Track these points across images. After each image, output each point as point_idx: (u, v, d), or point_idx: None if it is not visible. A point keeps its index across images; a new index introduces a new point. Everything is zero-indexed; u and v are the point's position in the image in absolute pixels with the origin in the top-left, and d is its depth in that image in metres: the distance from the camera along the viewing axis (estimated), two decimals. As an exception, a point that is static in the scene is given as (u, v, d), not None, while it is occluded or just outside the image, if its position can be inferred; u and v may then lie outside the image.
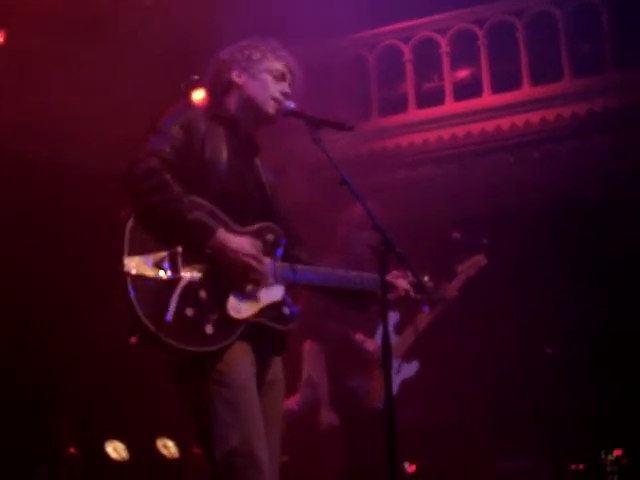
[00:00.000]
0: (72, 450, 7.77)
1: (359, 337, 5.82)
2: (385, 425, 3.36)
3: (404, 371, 6.03)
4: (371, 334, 5.84)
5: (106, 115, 7.77)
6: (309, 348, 6.15)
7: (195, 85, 7.80)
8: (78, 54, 7.83)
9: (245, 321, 3.42)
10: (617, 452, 7.67)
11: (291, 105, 3.74)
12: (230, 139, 3.67)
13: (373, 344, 5.79)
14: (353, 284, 3.83)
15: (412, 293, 3.92)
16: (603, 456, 7.67)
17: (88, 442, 7.96)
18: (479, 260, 6.26)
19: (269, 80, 3.77)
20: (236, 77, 3.79)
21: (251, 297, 3.46)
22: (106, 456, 7.95)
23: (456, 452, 7.66)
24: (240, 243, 3.43)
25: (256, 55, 3.80)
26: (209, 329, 3.30)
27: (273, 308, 3.54)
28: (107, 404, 8.01)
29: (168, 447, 8.29)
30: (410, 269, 3.73)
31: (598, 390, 8.17)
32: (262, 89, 3.75)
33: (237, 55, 3.82)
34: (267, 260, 3.53)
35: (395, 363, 5.91)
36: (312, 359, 6.14)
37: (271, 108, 3.74)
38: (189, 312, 3.27)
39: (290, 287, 3.64)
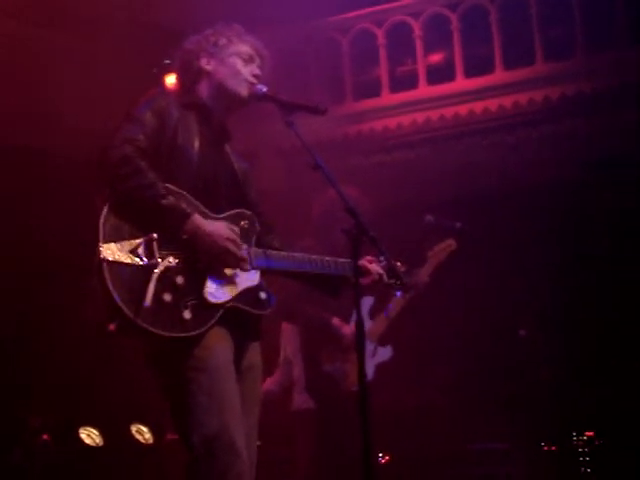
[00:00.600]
0: (45, 436, 7.75)
1: (336, 321, 5.83)
2: (360, 410, 3.37)
3: (379, 355, 6.05)
4: (347, 318, 5.86)
5: (82, 99, 7.72)
6: (285, 329, 6.17)
7: (167, 69, 7.75)
8: (54, 40, 7.78)
9: (222, 305, 3.42)
10: (589, 434, 7.74)
11: (263, 89, 3.73)
12: (202, 127, 3.67)
13: (349, 328, 5.81)
14: (327, 270, 3.83)
15: (385, 278, 3.94)
16: (575, 438, 7.73)
17: (62, 428, 7.93)
18: (449, 244, 6.28)
19: (238, 63, 3.77)
20: (205, 64, 3.78)
21: (228, 282, 3.47)
22: (80, 442, 7.93)
23: (430, 436, 7.69)
24: (216, 227, 3.43)
25: (222, 41, 3.80)
26: (187, 314, 3.30)
27: (250, 293, 3.54)
28: (81, 390, 7.98)
29: (142, 433, 8.27)
30: (383, 254, 3.74)
31: (570, 372, 8.23)
32: (232, 73, 3.75)
33: (203, 43, 3.82)
34: (243, 245, 3.53)
35: (370, 347, 5.93)
36: (288, 340, 6.15)
37: (244, 90, 3.74)
38: (167, 297, 3.27)
39: (265, 273, 3.65)
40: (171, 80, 7.41)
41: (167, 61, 7.79)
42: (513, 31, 9.53)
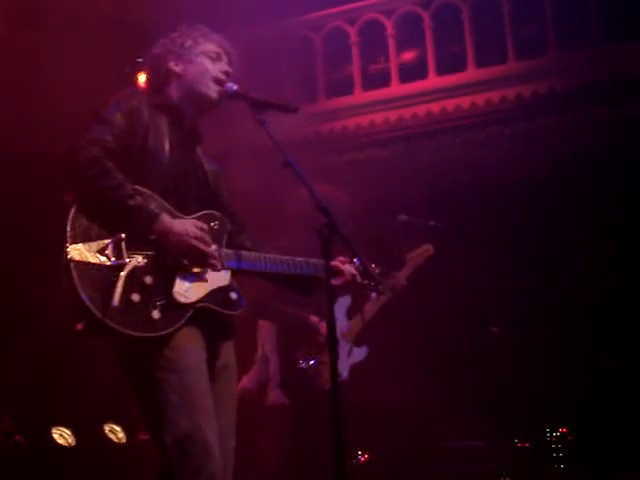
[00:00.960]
0: (18, 437, 7.71)
1: (313, 319, 5.85)
2: (332, 407, 3.37)
3: (354, 355, 6.07)
4: (324, 316, 5.88)
5: (56, 98, 7.68)
6: (262, 326, 6.17)
7: (139, 69, 7.72)
8: (29, 39, 7.74)
9: (192, 305, 3.41)
10: (562, 430, 7.78)
11: (234, 87, 3.72)
12: (173, 128, 3.66)
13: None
14: (299, 270, 3.83)
15: (358, 279, 3.94)
16: (549, 434, 7.77)
17: (34, 428, 7.89)
18: (427, 249, 6.34)
19: (206, 62, 3.76)
20: (173, 66, 3.77)
21: (198, 282, 3.46)
22: (53, 442, 7.90)
23: (406, 434, 7.71)
24: (184, 225, 3.42)
25: (188, 42, 3.79)
26: (156, 314, 3.29)
27: (220, 292, 3.53)
28: (53, 390, 7.95)
29: (115, 432, 8.25)
30: (356, 254, 3.74)
31: (544, 368, 8.26)
32: (201, 72, 3.74)
33: (169, 46, 3.81)
34: (213, 245, 3.52)
35: (346, 347, 5.96)
36: (265, 337, 6.16)
37: (213, 91, 3.73)
38: (135, 297, 3.26)
39: (236, 273, 3.64)
40: (143, 78, 7.44)
41: (139, 60, 7.80)
42: (485, 29, 9.58)
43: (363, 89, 9.83)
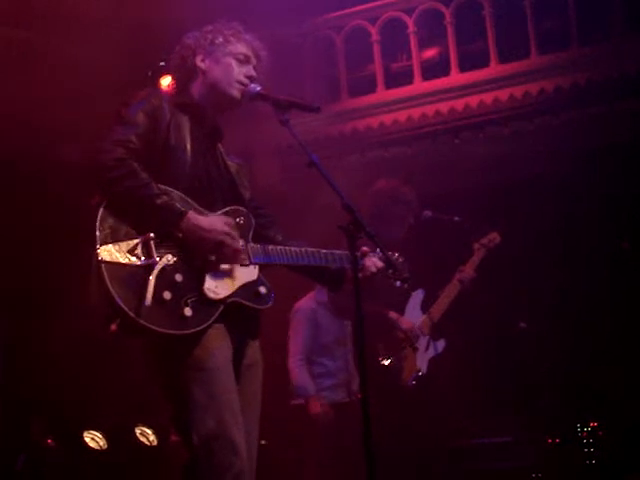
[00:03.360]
0: (50, 440, 7.76)
1: (393, 314, 5.90)
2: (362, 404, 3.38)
3: (432, 349, 6.11)
4: (401, 312, 5.95)
5: (76, 102, 7.71)
6: None
7: (162, 72, 7.75)
8: (46, 43, 7.77)
9: (223, 301, 3.43)
10: (593, 424, 7.74)
11: (257, 88, 3.74)
12: (194, 126, 3.68)
13: (407, 322, 5.92)
14: (325, 262, 3.85)
15: (382, 270, 3.95)
16: (579, 429, 7.73)
17: (66, 432, 7.94)
18: (494, 237, 6.39)
19: (233, 63, 3.78)
20: (200, 62, 3.79)
21: (227, 277, 3.48)
22: (84, 445, 7.94)
23: (434, 430, 7.69)
24: (211, 222, 3.45)
25: (219, 39, 3.81)
26: (188, 311, 3.32)
27: (249, 287, 3.56)
28: (85, 393, 7.99)
29: (146, 435, 8.29)
30: (379, 246, 3.76)
31: (574, 364, 8.23)
32: (226, 73, 3.76)
33: (201, 40, 3.83)
34: (240, 241, 3.54)
35: (423, 341, 6.02)
36: None
37: (236, 91, 3.75)
38: (167, 295, 3.28)
39: (263, 267, 3.65)
40: (166, 82, 7.46)
41: (162, 63, 7.83)
42: (507, 24, 9.52)
43: (385, 87, 9.81)
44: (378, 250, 3.91)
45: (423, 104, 9.50)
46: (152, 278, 3.25)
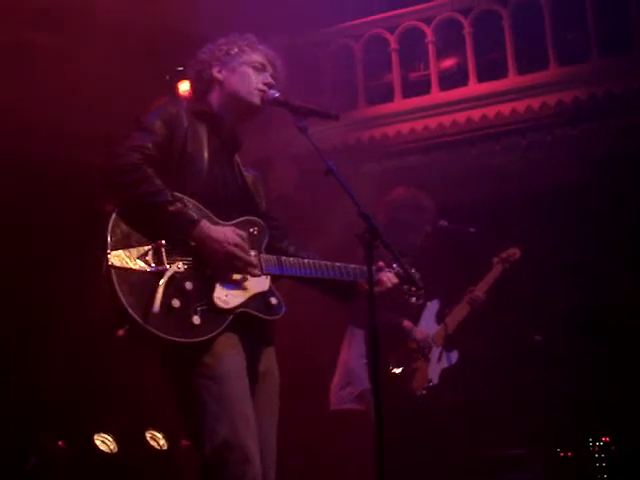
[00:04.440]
0: (60, 443, 7.76)
1: (407, 323, 5.89)
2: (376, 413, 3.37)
3: (445, 360, 6.09)
4: (415, 321, 5.94)
5: (92, 107, 7.73)
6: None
7: (180, 77, 7.77)
8: (62, 47, 7.79)
9: (232, 311, 3.42)
10: (605, 439, 7.70)
11: (275, 94, 3.75)
12: (211, 136, 3.68)
13: (420, 332, 5.91)
14: (339, 275, 3.83)
15: (398, 285, 3.93)
16: (591, 443, 7.70)
17: (77, 435, 7.94)
18: (514, 253, 6.39)
19: (250, 72, 3.78)
20: (217, 73, 3.81)
21: (238, 287, 3.47)
22: (95, 449, 7.94)
23: (444, 441, 7.66)
24: (224, 232, 3.43)
25: (234, 50, 3.82)
26: (196, 320, 3.31)
27: (260, 298, 3.55)
28: (95, 396, 7.99)
29: (157, 439, 8.28)
30: (397, 259, 3.74)
31: (587, 377, 8.19)
32: (244, 81, 3.77)
33: (216, 52, 3.84)
34: (252, 252, 3.54)
35: (436, 351, 6.01)
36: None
37: (256, 98, 3.76)
38: (175, 303, 3.28)
39: (276, 279, 3.65)
40: (184, 87, 7.49)
41: (180, 68, 7.85)
42: (526, 35, 9.51)
43: (403, 96, 9.80)
44: (395, 265, 3.89)
45: (440, 114, 9.49)
46: (161, 285, 3.25)
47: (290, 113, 3.69)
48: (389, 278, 3.90)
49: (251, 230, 3.63)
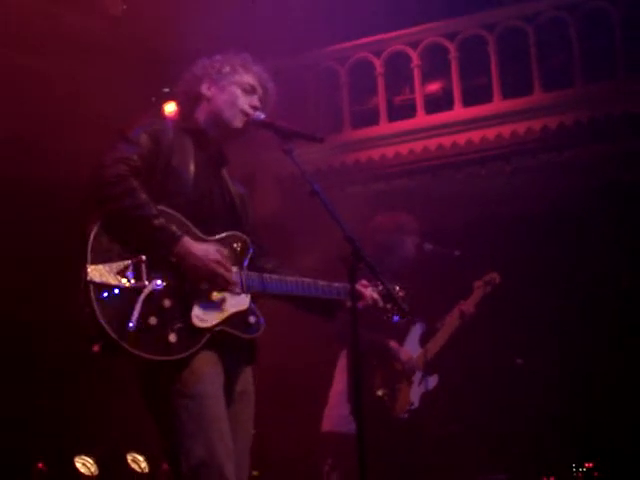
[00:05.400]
0: (41, 465, 7.70)
1: (394, 344, 5.88)
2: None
3: (425, 383, 6.08)
4: (401, 342, 5.93)
5: (77, 126, 7.72)
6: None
7: (166, 98, 7.78)
8: (50, 68, 7.79)
9: (210, 329, 3.40)
10: (588, 465, 7.68)
11: (261, 116, 3.74)
12: (197, 151, 3.67)
13: (406, 353, 5.91)
14: (322, 293, 3.83)
15: (380, 302, 3.92)
16: (574, 469, 7.68)
17: (57, 457, 7.88)
18: (494, 277, 6.43)
19: (238, 93, 3.78)
20: (205, 90, 3.80)
21: (216, 306, 3.45)
22: (75, 471, 7.88)
23: (425, 465, 7.63)
24: (205, 250, 3.42)
25: (226, 68, 3.82)
26: (173, 337, 3.28)
27: (239, 317, 3.52)
28: (76, 419, 7.94)
29: (138, 462, 8.22)
30: (380, 279, 3.73)
31: (570, 402, 8.18)
32: (230, 102, 3.76)
33: (208, 68, 3.84)
34: (234, 268, 3.52)
35: (418, 375, 5.99)
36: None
37: (238, 121, 3.75)
38: (152, 320, 3.25)
39: (257, 296, 3.63)
40: (170, 108, 7.49)
41: (166, 90, 7.86)
42: (511, 60, 9.56)
43: (388, 120, 9.83)
44: (378, 283, 3.88)
45: (425, 137, 9.52)
46: (139, 302, 3.23)
47: (275, 135, 3.68)
48: (371, 294, 3.89)
49: (234, 246, 3.62)
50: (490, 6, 9.68)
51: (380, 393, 5.83)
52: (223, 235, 3.60)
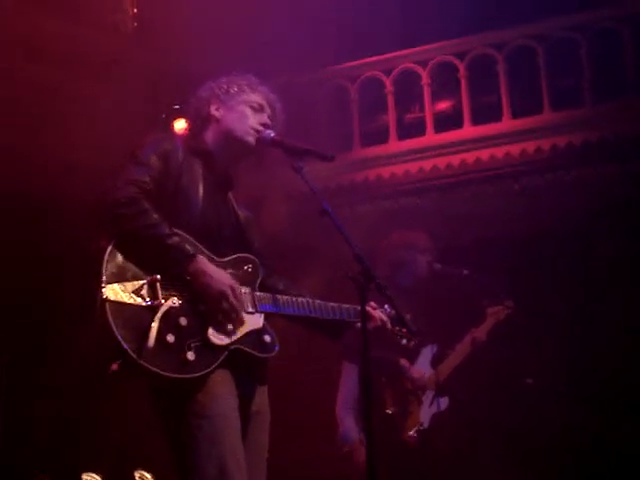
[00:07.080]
0: (46, 480, 7.69)
1: (405, 362, 5.87)
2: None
3: (436, 405, 6.06)
4: (412, 363, 5.92)
5: (89, 145, 7.75)
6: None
7: (176, 115, 7.80)
8: (60, 83, 7.83)
9: (226, 347, 3.40)
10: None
11: (271, 134, 3.75)
12: (206, 173, 3.68)
13: (417, 371, 5.88)
14: (332, 315, 3.82)
15: (389, 325, 3.92)
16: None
17: (64, 473, 7.86)
18: (508, 305, 6.41)
19: (247, 111, 3.79)
20: (214, 111, 3.81)
21: (233, 324, 3.45)
22: (82, 488, 7.86)
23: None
24: (218, 272, 3.43)
25: (234, 89, 3.83)
26: (191, 355, 3.29)
27: (254, 335, 3.53)
28: (84, 435, 7.93)
29: (145, 479, 8.20)
30: (389, 300, 3.73)
31: (576, 423, 8.15)
32: (240, 121, 3.77)
33: (215, 90, 3.86)
34: (246, 289, 3.53)
35: (430, 395, 5.97)
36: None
37: (251, 137, 3.75)
38: (170, 338, 3.26)
39: (269, 316, 3.63)
40: (180, 125, 7.51)
41: (176, 106, 7.88)
42: (521, 80, 9.57)
43: (398, 138, 9.84)
44: (387, 306, 3.89)
45: (435, 156, 9.53)
46: (156, 320, 3.23)
47: (285, 153, 3.69)
48: (380, 316, 3.88)
49: (245, 267, 3.63)
50: (500, 26, 9.70)
51: (390, 411, 5.82)
52: (233, 257, 3.62)
